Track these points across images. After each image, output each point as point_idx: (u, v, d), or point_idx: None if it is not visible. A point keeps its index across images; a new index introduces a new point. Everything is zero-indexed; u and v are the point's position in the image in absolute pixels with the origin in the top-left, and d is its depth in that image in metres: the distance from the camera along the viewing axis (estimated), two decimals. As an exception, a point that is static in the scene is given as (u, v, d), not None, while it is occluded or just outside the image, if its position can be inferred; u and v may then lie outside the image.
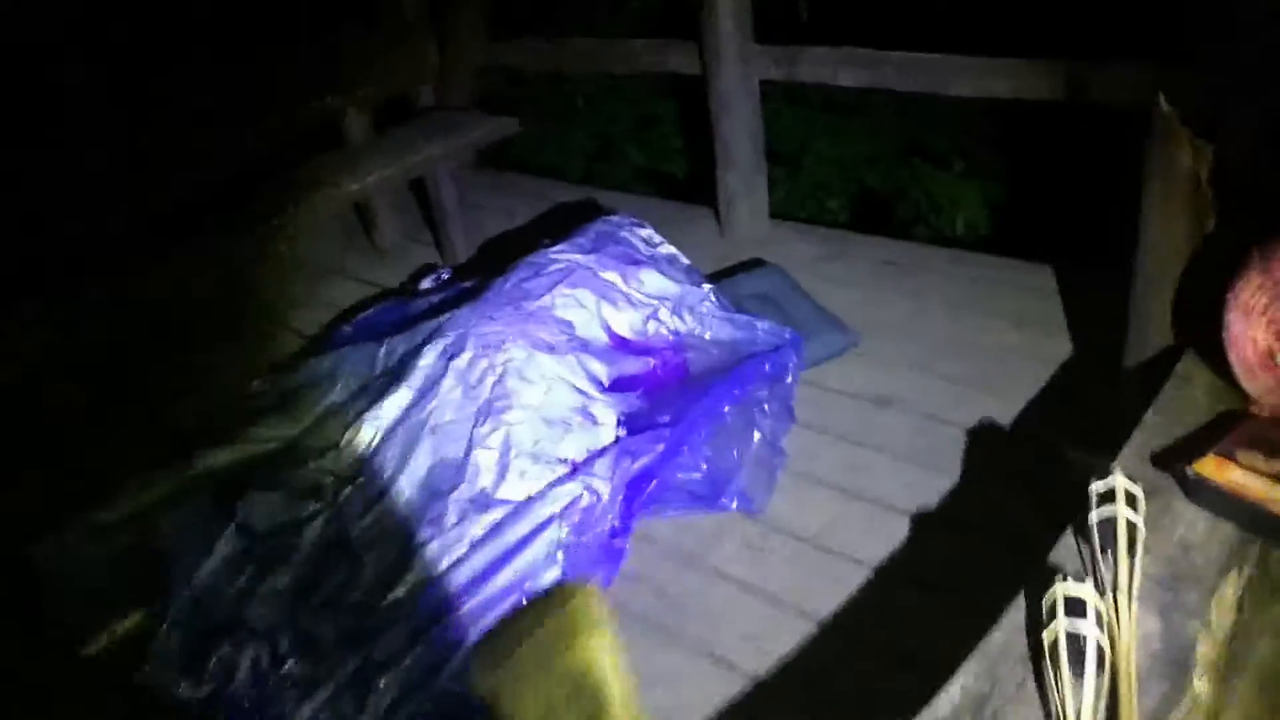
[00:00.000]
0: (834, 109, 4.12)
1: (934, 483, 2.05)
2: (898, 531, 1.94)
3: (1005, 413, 2.22)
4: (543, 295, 2.24)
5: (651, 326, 2.32)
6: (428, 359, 2.15)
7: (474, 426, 2.01)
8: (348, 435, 2.09)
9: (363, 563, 1.87)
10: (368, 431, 2.08)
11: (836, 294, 2.78)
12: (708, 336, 2.36)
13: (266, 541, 1.94)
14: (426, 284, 2.93)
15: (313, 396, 2.37)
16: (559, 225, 2.72)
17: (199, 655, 1.76)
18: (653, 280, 2.37)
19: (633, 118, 4.66)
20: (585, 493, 1.87)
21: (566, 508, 1.86)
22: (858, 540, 1.94)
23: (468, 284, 2.64)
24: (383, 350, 2.35)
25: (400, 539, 1.90)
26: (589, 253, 2.38)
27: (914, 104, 3.73)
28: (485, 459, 1.96)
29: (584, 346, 2.19)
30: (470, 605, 1.75)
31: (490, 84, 4.16)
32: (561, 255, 2.36)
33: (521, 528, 1.85)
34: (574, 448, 2.00)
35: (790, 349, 2.31)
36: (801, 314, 2.57)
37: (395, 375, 2.17)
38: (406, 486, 1.97)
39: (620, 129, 4.72)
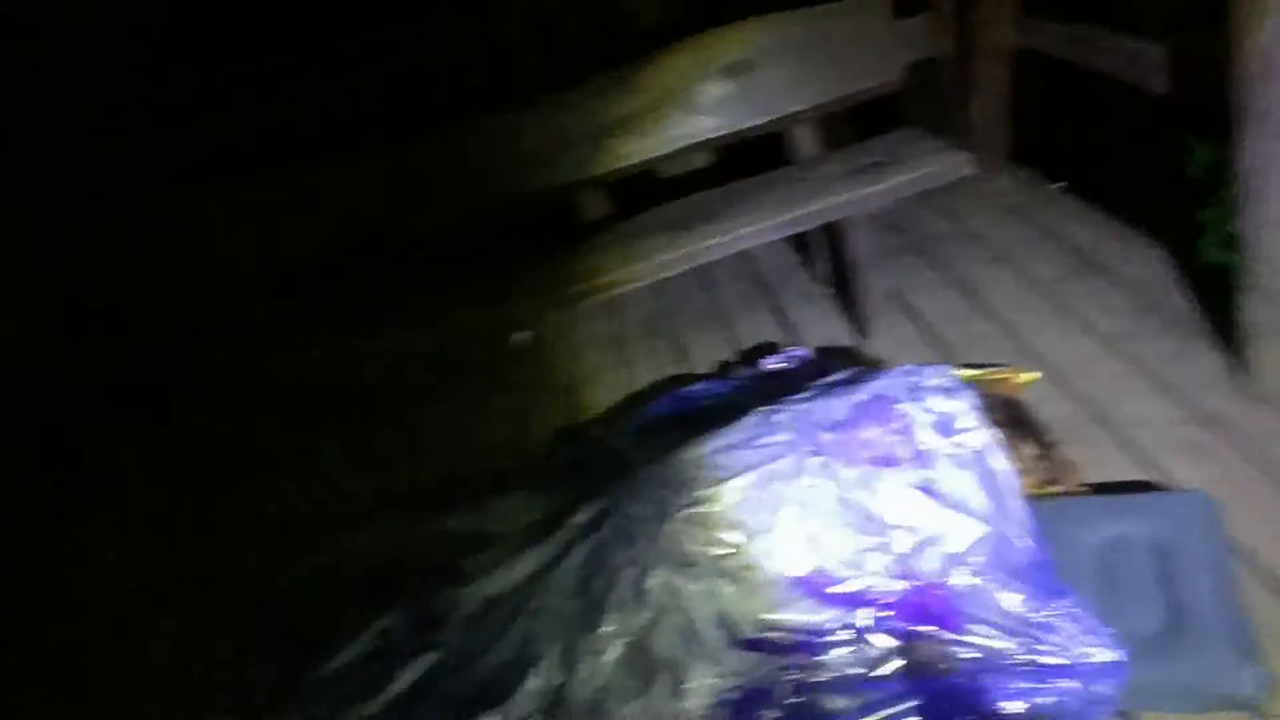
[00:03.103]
0: None
1: None
2: None
3: None
4: (723, 482, 1.65)
5: (873, 566, 1.55)
6: (582, 516, 1.80)
7: (566, 631, 1.63)
8: (496, 576, 1.88)
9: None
10: (498, 581, 1.84)
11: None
12: (963, 598, 1.50)
13: (385, 656, 1.89)
14: (769, 362, 2.44)
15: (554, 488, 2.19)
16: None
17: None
18: (900, 495, 1.57)
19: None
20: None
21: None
22: None
23: (771, 387, 2.10)
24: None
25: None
26: (831, 428, 1.67)
27: None
28: (533, 683, 1.59)
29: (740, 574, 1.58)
30: None
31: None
32: (789, 422, 1.70)
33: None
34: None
35: (1096, 673, 1.38)
36: (1189, 603, 1.47)
37: (556, 518, 1.87)
38: (483, 669, 1.71)
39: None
